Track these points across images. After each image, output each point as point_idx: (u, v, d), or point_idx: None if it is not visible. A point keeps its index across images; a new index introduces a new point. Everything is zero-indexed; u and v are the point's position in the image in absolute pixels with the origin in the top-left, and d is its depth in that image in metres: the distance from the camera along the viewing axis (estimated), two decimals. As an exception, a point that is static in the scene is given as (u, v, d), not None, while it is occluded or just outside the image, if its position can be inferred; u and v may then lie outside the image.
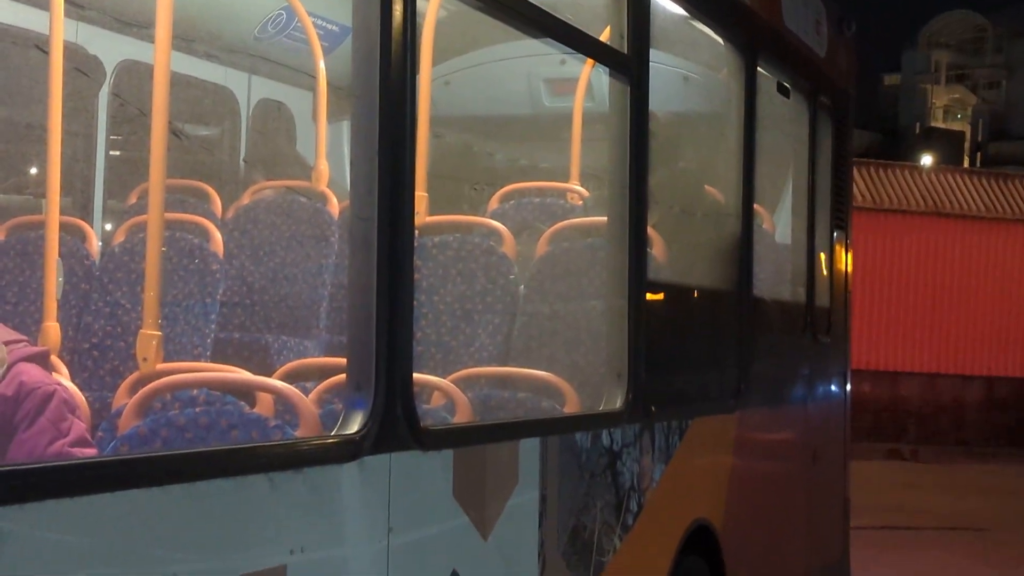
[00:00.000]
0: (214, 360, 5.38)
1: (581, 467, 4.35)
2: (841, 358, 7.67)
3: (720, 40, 5.92)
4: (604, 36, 5.27)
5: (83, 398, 3.84)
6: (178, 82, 6.63)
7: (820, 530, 7.32)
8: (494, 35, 7.09)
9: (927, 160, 36.13)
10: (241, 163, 7.59)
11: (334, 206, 6.26)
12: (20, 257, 5.29)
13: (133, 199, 6.43)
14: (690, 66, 6.21)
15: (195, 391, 3.90)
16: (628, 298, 4.68)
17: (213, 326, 5.61)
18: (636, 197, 4.71)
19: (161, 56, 4.16)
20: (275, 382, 3.76)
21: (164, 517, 2.58)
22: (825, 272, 7.36)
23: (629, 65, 4.67)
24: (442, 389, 4.10)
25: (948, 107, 63.19)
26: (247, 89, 7.75)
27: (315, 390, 3.89)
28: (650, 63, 4.82)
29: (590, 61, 6.02)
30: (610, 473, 4.56)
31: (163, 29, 4.15)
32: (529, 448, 4.00)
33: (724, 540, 5.58)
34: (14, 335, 3.49)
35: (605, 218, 5.07)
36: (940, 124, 59.61)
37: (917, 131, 56.75)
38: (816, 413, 7.23)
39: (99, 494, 2.42)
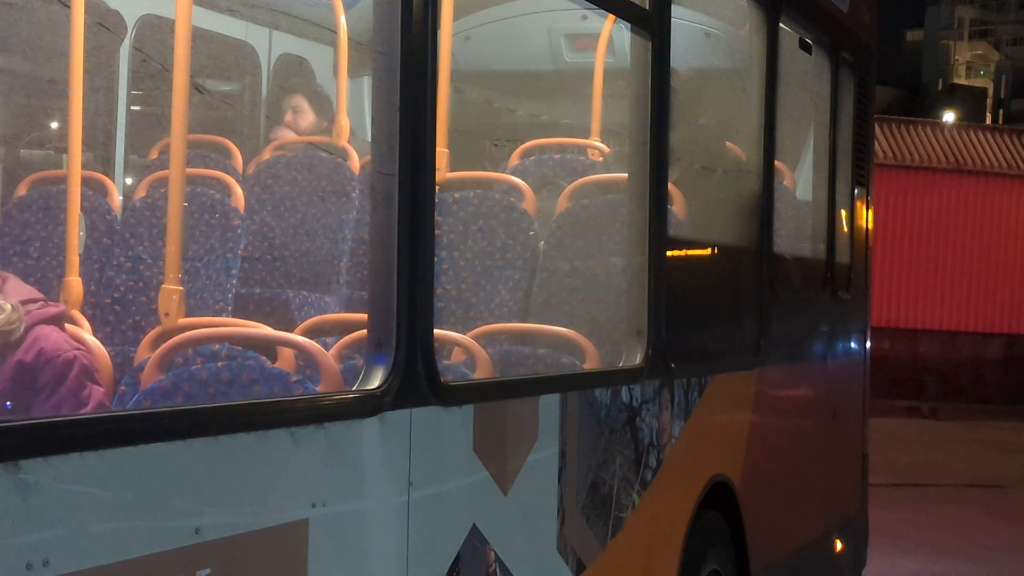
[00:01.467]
0: (236, 315, 5.40)
1: (600, 423, 4.37)
2: (861, 315, 7.66)
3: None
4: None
5: (105, 353, 3.85)
6: (199, 37, 6.64)
7: (839, 486, 7.33)
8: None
9: (949, 117, 35.94)
10: (264, 118, 7.59)
11: (355, 161, 6.26)
12: (42, 212, 5.30)
13: (154, 154, 6.44)
14: (712, 22, 6.19)
15: (217, 346, 3.92)
16: (648, 254, 4.69)
17: (234, 281, 5.63)
18: (657, 154, 4.71)
19: (183, 11, 4.16)
20: (297, 337, 3.78)
21: (187, 471, 2.60)
22: (846, 229, 7.34)
23: (651, 21, 4.66)
24: (462, 345, 4.11)
25: (971, 63, 62.73)
26: (268, 44, 7.76)
27: (336, 345, 3.91)
28: (672, 19, 4.81)
29: (611, 17, 6.00)
30: (629, 429, 4.58)
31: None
32: (549, 404, 4.02)
33: (743, 496, 5.60)
34: (31, 294, 3.50)
35: (625, 175, 5.07)
36: (963, 80, 59.18)
37: (939, 87, 56.37)
38: (836, 370, 7.23)
39: (123, 447, 2.44)
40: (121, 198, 6.00)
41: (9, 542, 2.19)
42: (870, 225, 7.81)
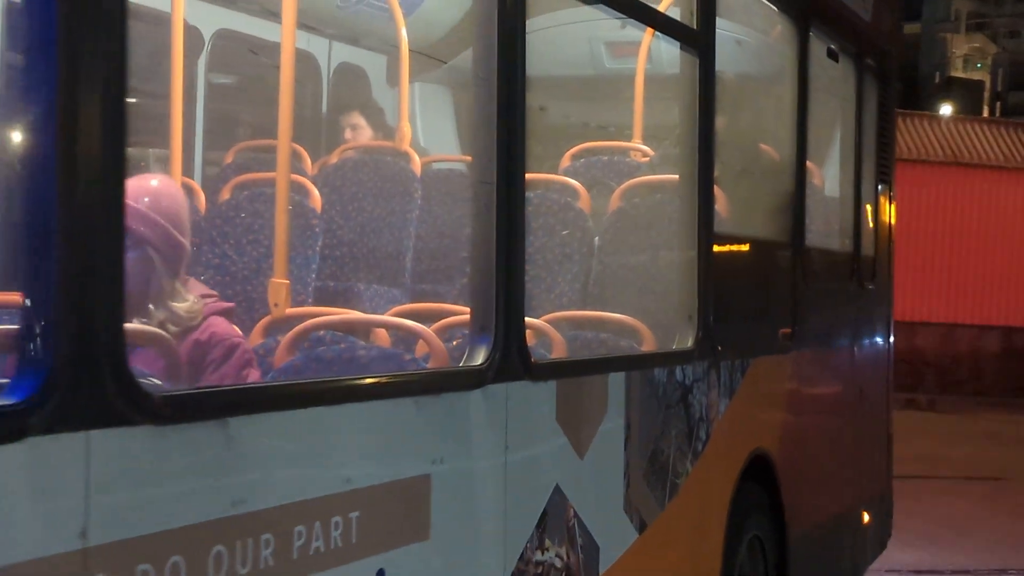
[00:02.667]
0: (315, 305, 5.95)
1: (659, 399, 4.92)
2: (885, 303, 8.20)
3: (775, 10, 6.43)
4: (663, 4, 5.81)
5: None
6: (266, 48, 7.19)
7: (866, 463, 7.87)
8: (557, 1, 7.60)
9: (946, 109, 36.07)
10: (325, 123, 8.13)
11: (416, 164, 6.78)
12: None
13: (229, 159, 6.96)
14: (748, 32, 6.71)
15: (322, 332, 4.49)
16: (698, 248, 5.23)
17: (313, 275, 6.17)
18: (704, 159, 5.25)
19: (287, 38, 4.70)
20: (413, 323, 4.32)
21: (341, 430, 3.16)
22: (870, 223, 7.88)
23: (699, 39, 5.20)
24: (542, 330, 4.66)
25: (968, 56, 62.66)
26: (328, 54, 8.31)
27: (431, 328, 4.45)
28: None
29: (651, 29, 6.53)
30: (683, 405, 5.12)
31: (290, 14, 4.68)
32: (617, 381, 4.57)
33: (780, 469, 6.14)
34: (206, 290, 4.08)
35: (672, 176, 5.61)
36: (960, 73, 59.10)
37: (936, 80, 56.32)
38: (862, 355, 7.76)
39: (298, 410, 3.00)
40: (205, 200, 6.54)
41: (219, 483, 2.74)
42: (893, 220, 8.33)
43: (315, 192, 6.29)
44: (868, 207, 7.82)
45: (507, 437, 3.84)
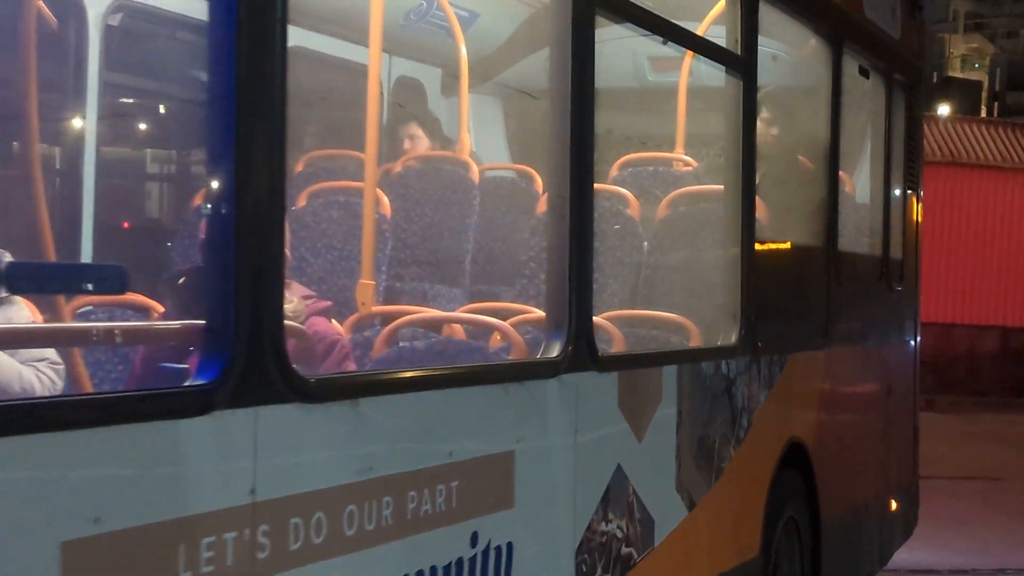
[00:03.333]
0: (384, 304, 6.49)
1: (706, 390, 5.44)
2: (912, 304, 8.70)
3: (811, 32, 6.95)
4: (703, 27, 6.33)
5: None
6: (329, 63, 7.73)
7: (895, 453, 8.37)
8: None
9: (944, 110, 36.17)
10: (385, 133, 8.67)
11: (475, 173, 7.29)
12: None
13: (299, 167, 7.49)
14: (787, 51, 7.22)
15: (406, 328, 5.03)
16: (740, 252, 5.75)
17: (384, 276, 6.71)
18: (747, 172, 5.77)
19: (374, 61, 5.24)
20: (497, 321, 4.85)
21: (444, 411, 3.70)
22: (898, 228, 8.38)
23: (742, 65, 5.72)
24: (604, 327, 5.19)
25: (966, 56, 62.53)
26: (387, 68, 8.83)
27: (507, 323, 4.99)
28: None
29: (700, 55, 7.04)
30: (727, 396, 5.65)
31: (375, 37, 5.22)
32: (670, 373, 5.10)
33: (814, 457, 6.65)
34: (306, 291, 4.62)
35: (715, 186, 6.14)
36: (957, 73, 59.00)
37: (934, 80, 56.22)
38: (890, 352, 8.27)
39: (408, 393, 3.54)
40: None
41: (352, 453, 3.28)
42: (920, 224, 8.84)
43: (385, 200, 6.81)
44: (896, 213, 8.32)
45: (577, 421, 4.37)
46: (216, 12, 2.96)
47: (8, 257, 4.00)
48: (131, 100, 7.10)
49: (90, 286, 3.31)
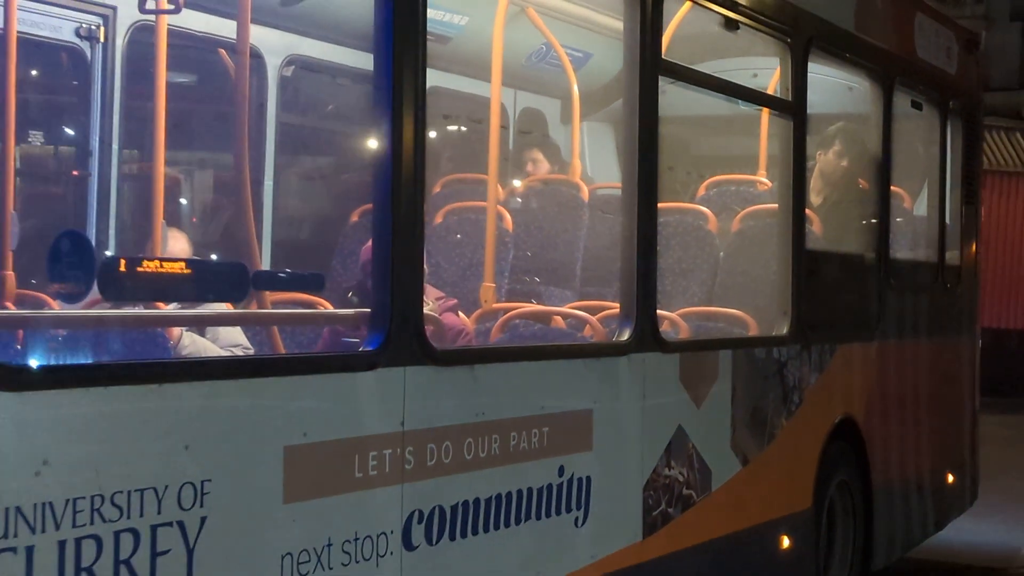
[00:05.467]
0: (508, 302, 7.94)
1: (759, 370, 6.82)
2: (968, 303, 9.95)
3: (864, 74, 8.28)
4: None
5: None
6: (469, 99, 9.18)
7: (952, 435, 9.65)
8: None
9: None
10: (512, 158, 10.13)
11: (584, 193, 8.69)
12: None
13: (437, 188, 8.97)
14: (843, 89, 8.54)
15: (517, 320, 6.48)
16: (792, 260, 7.11)
17: (506, 280, 8.16)
18: (797, 194, 7.13)
19: (495, 96, 6.69)
20: (585, 314, 6.27)
21: (538, 377, 5.15)
22: (957, 238, 9.64)
23: (792, 109, 7.09)
24: (674, 320, 6.59)
25: None
26: (513, 100, 10.29)
27: (596, 317, 6.40)
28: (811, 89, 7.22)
29: (775, 77, 8.34)
30: (779, 376, 7.01)
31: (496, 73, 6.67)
32: (725, 356, 6.49)
33: (865, 430, 7.97)
34: (439, 293, 6.10)
35: (774, 205, 7.51)
36: None
37: None
38: (946, 343, 9.54)
39: (511, 363, 5.00)
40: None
41: (469, 402, 4.74)
42: (978, 235, 10.09)
43: (507, 216, 8.26)
44: (955, 224, 9.59)
45: (644, 389, 5.79)
46: (378, 63, 4.38)
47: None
48: (303, 136, 8.65)
49: (303, 286, 4.85)
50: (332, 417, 4.17)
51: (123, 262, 4.18)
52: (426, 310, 5.78)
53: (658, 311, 6.06)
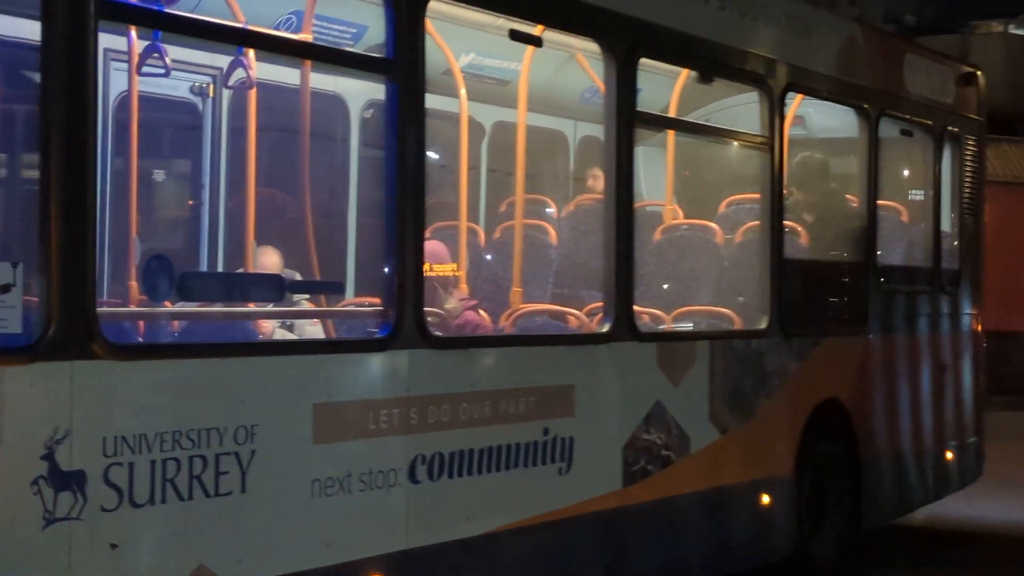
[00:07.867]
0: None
1: (737, 358, 8.35)
2: (967, 303, 11.31)
3: (852, 109, 9.76)
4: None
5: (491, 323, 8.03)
6: (531, 130, 10.75)
7: (951, 418, 11.02)
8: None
9: None
10: (572, 181, 11.72)
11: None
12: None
13: (503, 208, 10.58)
14: (833, 121, 10.01)
15: (538, 317, 8.10)
16: (770, 266, 8.62)
17: (551, 285, 9.74)
18: (774, 210, 8.64)
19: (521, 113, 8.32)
20: (569, 309, 7.86)
21: (530, 360, 6.77)
22: (955, 245, 11.04)
23: (769, 143, 8.62)
24: (652, 314, 8.16)
25: None
26: (574, 130, 11.87)
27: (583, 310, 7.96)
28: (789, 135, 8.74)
29: (797, 100, 9.73)
30: (757, 364, 8.53)
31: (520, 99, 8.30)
32: (702, 345, 8.04)
33: (850, 409, 9.43)
34: (463, 295, 7.73)
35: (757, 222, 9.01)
36: None
37: None
38: (943, 339, 10.93)
39: (505, 347, 6.64)
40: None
41: (466, 375, 6.37)
42: (982, 243, 11.47)
43: (552, 231, 9.85)
44: (954, 232, 11.00)
45: (622, 371, 7.37)
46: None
47: (297, 276, 7.29)
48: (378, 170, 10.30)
49: (326, 291, 6.59)
50: (351, 384, 5.85)
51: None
52: (448, 307, 7.47)
53: (636, 307, 7.58)
